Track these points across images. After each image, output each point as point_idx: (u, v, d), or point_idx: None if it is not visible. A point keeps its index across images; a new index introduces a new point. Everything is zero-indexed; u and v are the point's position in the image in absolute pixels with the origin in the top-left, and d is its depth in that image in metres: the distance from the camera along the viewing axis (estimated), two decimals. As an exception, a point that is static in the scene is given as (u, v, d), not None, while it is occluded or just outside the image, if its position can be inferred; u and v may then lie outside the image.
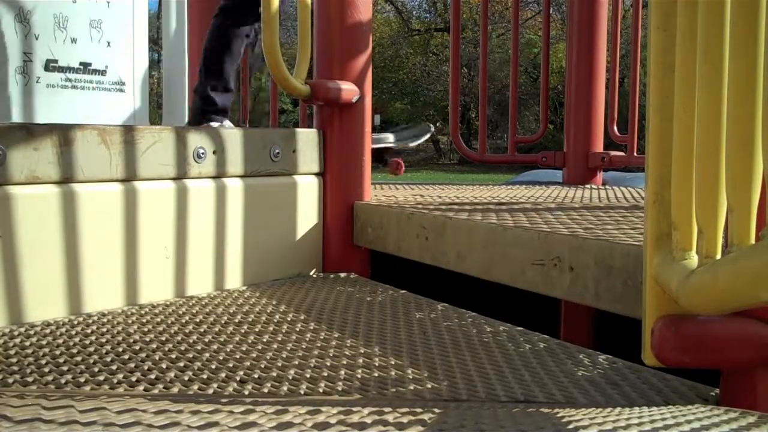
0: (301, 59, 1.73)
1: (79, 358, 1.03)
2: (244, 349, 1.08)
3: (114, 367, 0.99)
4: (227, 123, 2.33)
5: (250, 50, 2.64)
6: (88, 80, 3.31)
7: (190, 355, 1.04)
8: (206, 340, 1.13)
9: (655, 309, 0.78)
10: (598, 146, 2.80)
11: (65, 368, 0.98)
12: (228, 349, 1.07)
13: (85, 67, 3.28)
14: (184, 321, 1.24)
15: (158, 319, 1.25)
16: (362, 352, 1.07)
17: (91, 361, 1.02)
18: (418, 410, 0.74)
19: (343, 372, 0.97)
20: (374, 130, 2.14)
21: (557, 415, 0.74)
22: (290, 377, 0.95)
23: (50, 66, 3.14)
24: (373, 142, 1.82)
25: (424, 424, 0.69)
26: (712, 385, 0.90)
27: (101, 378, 0.94)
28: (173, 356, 1.04)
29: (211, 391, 0.90)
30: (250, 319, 1.26)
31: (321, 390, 0.90)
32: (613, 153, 2.75)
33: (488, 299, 1.58)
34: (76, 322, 1.22)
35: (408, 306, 1.37)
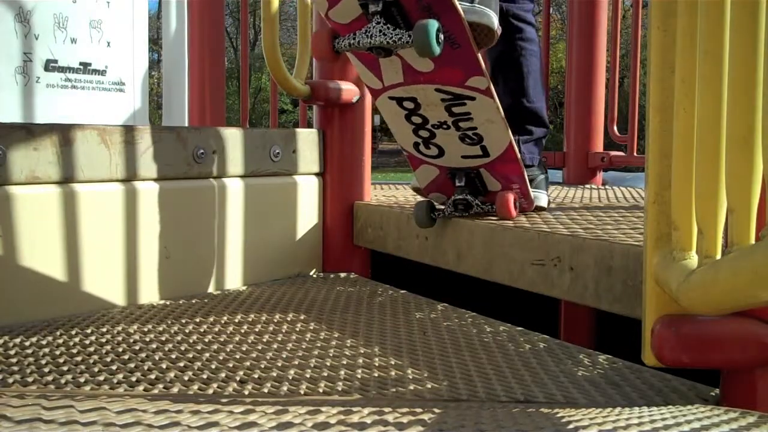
0: (301, 59, 1.73)
1: (79, 358, 1.03)
2: (244, 349, 1.08)
3: (114, 367, 0.99)
4: None
5: (250, 50, 2.63)
6: (88, 80, 3.31)
7: (190, 355, 1.04)
8: (206, 340, 1.13)
9: (655, 309, 0.78)
10: (598, 146, 2.80)
11: (65, 368, 0.98)
12: (228, 349, 1.07)
13: (85, 67, 3.28)
14: (184, 321, 1.24)
15: (158, 319, 1.25)
16: (362, 352, 1.07)
17: (91, 361, 1.02)
18: (418, 410, 0.74)
19: (343, 372, 0.97)
20: (374, 130, 2.13)
21: (557, 415, 0.74)
22: (290, 377, 0.95)
23: (50, 66, 3.14)
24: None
25: (424, 424, 0.68)
26: (712, 385, 0.90)
27: (101, 378, 0.94)
28: (173, 356, 1.04)
29: (211, 391, 0.90)
30: (250, 319, 1.26)
31: (321, 390, 0.90)
32: (613, 153, 2.75)
33: (488, 299, 1.58)
34: (76, 322, 1.22)
35: (408, 306, 1.37)
